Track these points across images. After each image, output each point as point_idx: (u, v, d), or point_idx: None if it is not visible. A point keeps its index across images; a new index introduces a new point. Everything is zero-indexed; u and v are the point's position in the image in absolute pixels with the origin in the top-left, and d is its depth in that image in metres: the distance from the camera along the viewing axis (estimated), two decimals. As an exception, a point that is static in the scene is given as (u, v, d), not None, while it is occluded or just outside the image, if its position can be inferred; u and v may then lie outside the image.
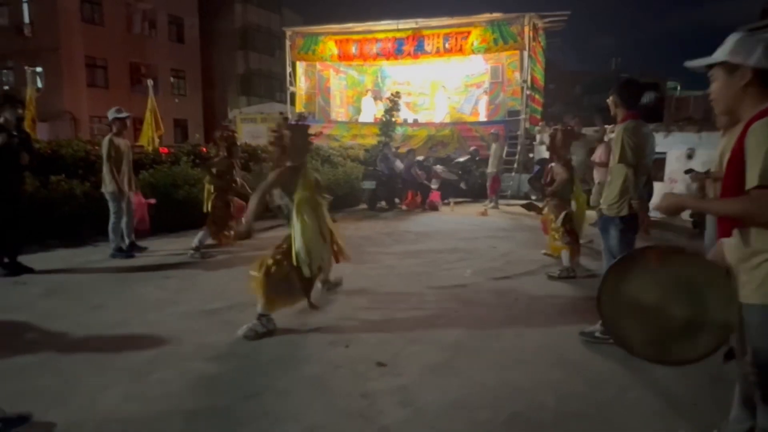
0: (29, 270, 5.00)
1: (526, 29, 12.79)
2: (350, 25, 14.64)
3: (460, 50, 13.56)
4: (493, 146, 10.57)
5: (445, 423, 2.42)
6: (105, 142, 5.71)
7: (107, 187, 5.67)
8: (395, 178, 10.73)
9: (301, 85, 15.72)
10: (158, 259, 5.78)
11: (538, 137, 12.59)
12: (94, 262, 5.60)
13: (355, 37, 14.51)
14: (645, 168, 3.36)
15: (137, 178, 6.52)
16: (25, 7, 24.02)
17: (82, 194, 6.84)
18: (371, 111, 15.75)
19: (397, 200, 10.96)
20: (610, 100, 3.41)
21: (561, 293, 4.62)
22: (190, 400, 2.64)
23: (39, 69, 24.24)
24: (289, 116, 14.26)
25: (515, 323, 3.82)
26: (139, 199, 6.38)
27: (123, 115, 5.79)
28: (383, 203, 10.77)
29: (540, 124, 13.45)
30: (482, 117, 15.06)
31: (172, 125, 27.24)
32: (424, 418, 2.46)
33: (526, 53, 13.09)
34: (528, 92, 13.58)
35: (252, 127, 21.23)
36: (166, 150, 10.65)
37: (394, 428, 2.37)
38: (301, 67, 15.62)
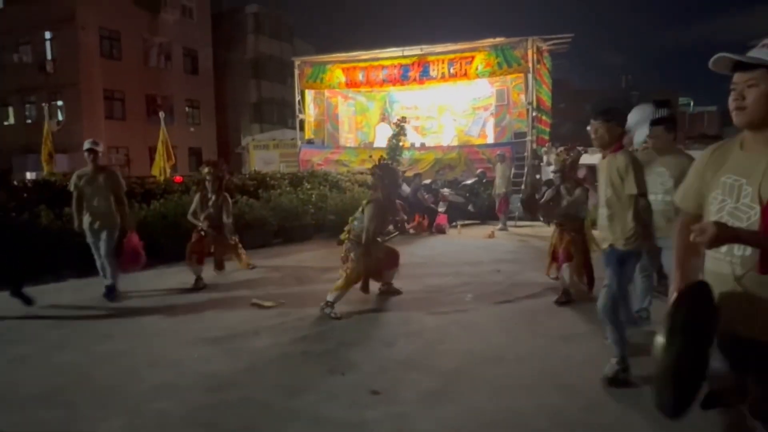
0: (29, 302, 4.87)
1: (530, 52, 12.96)
2: (357, 53, 15.00)
3: (465, 75, 13.78)
4: (499, 167, 10.63)
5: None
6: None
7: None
8: (403, 202, 10.80)
9: (310, 112, 16.05)
10: (165, 289, 5.87)
11: (545, 158, 12.62)
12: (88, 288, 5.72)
13: (361, 64, 14.85)
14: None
15: (132, 211, 6.16)
16: (48, 44, 25.05)
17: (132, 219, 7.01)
18: (386, 137, 16.03)
19: (406, 224, 11.01)
20: (597, 128, 3.10)
21: (563, 316, 4.60)
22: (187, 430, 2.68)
23: (60, 103, 25.17)
24: (299, 143, 14.52)
25: (515, 347, 3.82)
26: (130, 238, 5.54)
27: (88, 146, 5.31)
28: (391, 227, 10.83)
29: (546, 145, 13.51)
30: (490, 139, 15.19)
31: (187, 154, 27.86)
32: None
33: (530, 76, 13.23)
34: (534, 114, 13.69)
35: (264, 153, 21.63)
36: (180, 179, 10.93)
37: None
38: (309, 94, 15.99)
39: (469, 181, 12.27)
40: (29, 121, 25.75)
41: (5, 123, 26.79)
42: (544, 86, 15.18)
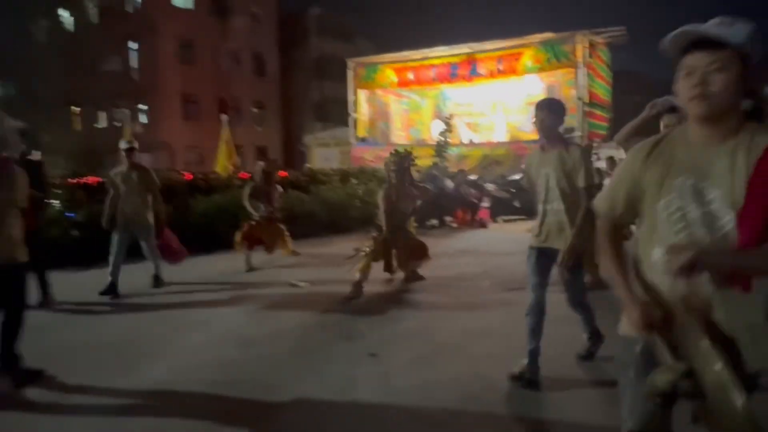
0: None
1: (579, 47, 12.85)
2: (407, 53, 15.48)
3: (513, 71, 13.88)
4: None
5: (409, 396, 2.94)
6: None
7: None
8: (444, 197, 11.20)
9: (363, 111, 16.75)
10: (220, 270, 6.70)
11: (594, 154, 12.49)
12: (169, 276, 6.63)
13: (411, 64, 15.33)
14: None
15: (166, 207, 6.18)
16: (134, 54, 27.60)
17: (166, 215, 8.05)
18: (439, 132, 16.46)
19: (448, 218, 11.42)
20: (540, 119, 2.99)
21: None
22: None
23: (144, 107, 27.68)
24: (352, 141, 15.26)
25: (509, 326, 4.20)
26: (164, 235, 5.80)
27: (126, 146, 5.52)
28: (434, 221, 11.28)
29: (596, 141, 13.33)
30: (541, 135, 15.15)
31: (254, 152, 29.60)
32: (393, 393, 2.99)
33: (581, 70, 13.10)
34: (586, 108, 13.53)
35: (325, 150, 22.67)
36: (247, 175, 11.98)
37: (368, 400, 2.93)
38: (363, 94, 16.67)
39: (515, 177, 12.41)
40: (117, 123, 28.50)
41: (97, 126, 29.79)
42: (600, 80, 14.91)
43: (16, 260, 3.17)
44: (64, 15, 30.37)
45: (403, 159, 5.75)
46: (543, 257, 3.10)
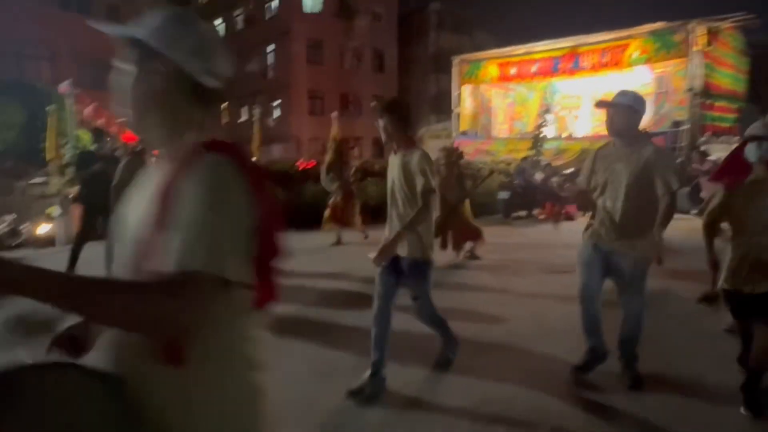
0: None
1: (693, 36, 12.19)
2: (510, 48, 15.80)
3: (618, 63, 13.54)
4: None
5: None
6: None
7: None
8: (532, 190, 11.61)
9: (466, 106, 17.43)
10: (314, 246, 8.13)
11: (703, 149, 11.87)
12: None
13: (514, 59, 15.62)
14: None
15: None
16: (270, 55, 31.09)
17: (281, 198, 9.81)
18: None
19: (537, 210, 11.81)
20: (384, 125, 2.91)
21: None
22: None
23: (277, 103, 31.09)
24: (454, 134, 16.08)
25: (526, 306, 4.93)
26: None
27: None
28: (522, 213, 11.76)
29: (706, 135, 12.55)
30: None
31: (371, 144, 31.60)
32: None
33: (694, 60, 12.43)
34: (701, 100, 12.80)
35: (437, 142, 23.69)
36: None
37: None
38: (466, 89, 17.34)
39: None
40: (254, 118, 32.40)
41: (240, 119, 34.08)
42: (725, 68, 13.87)
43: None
44: (218, 23, 35.09)
45: (451, 154, 6.60)
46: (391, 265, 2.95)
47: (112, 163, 5.91)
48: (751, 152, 2.64)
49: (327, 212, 7.89)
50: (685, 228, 5.49)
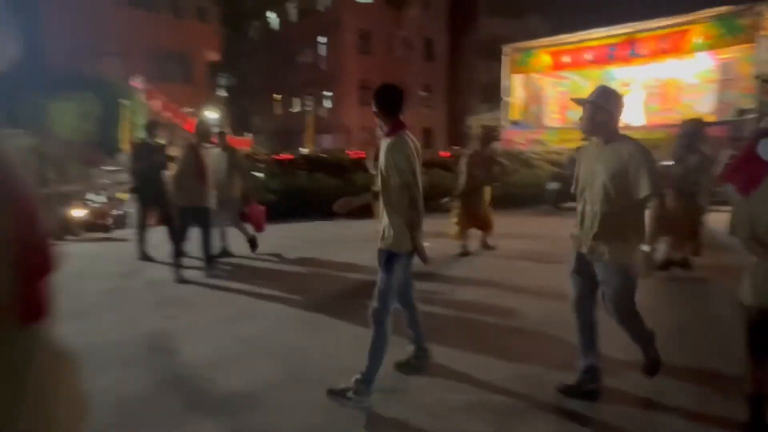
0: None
1: (763, 19, 11.59)
2: (563, 36, 15.50)
3: (679, 50, 13.05)
4: None
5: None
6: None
7: None
8: (583, 180, 11.51)
9: (517, 95, 17.27)
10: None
11: (769, 138, 11.35)
12: (340, 230, 8.67)
13: (567, 47, 15.32)
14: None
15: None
16: (322, 47, 31.72)
17: (335, 186, 10.29)
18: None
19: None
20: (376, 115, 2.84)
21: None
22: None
23: (329, 93, 31.75)
24: (504, 124, 16.00)
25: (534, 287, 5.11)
26: (252, 207, 6.78)
27: (218, 130, 6.66)
28: (572, 203, 11.70)
29: (774, 122, 11.92)
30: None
31: (421, 133, 31.74)
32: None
33: (764, 44, 11.83)
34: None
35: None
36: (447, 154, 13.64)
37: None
38: (518, 78, 17.17)
39: (667, 163, 11.96)
40: (308, 108, 33.23)
41: (291, 110, 35.05)
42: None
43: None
44: (272, 16, 36.06)
45: (488, 131, 6.75)
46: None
47: (161, 155, 6.11)
48: (765, 149, 2.28)
49: (457, 218, 6.67)
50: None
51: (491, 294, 4.86)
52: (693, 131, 5.66)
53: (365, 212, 9.22)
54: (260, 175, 10.18)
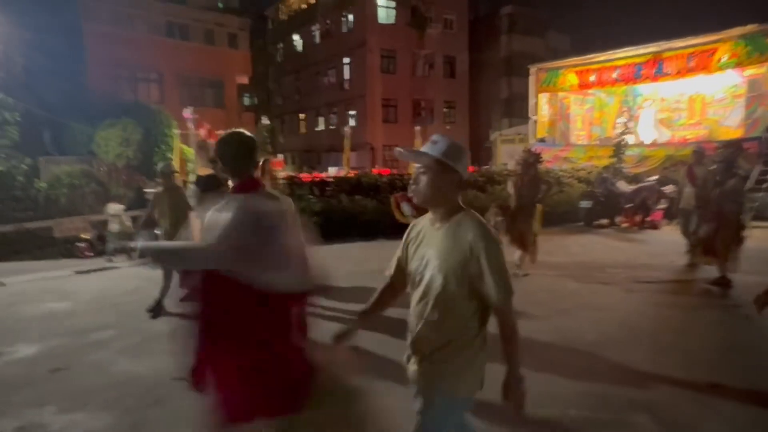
0: None
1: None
2: (591, 56, 15.82)
3: (705, 68, 13.26)
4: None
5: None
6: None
7: None
8: (615, 198, 11.73)
9: (543, 113, 17.60)
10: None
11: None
12: (378, 247, 9.09)
13: (594, 66, 15.64)
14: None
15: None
16: (346, 67, 32.53)
17: (372, 208, 10.72)
18: (620, 131, 16.41)
19: (619, 218, 11.92)
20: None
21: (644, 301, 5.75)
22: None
23: (353, 112, 32.47)
24: (531, 142, 16.38)
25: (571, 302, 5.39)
26: None
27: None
28: (604, 220, 11.93)
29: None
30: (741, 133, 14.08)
31: (443, 149, 32.14)
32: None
33: (791, 62, 12.00)
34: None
35: (510, 147, 23.81)
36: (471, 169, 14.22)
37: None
38: (544, 97, 17.51)
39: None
40: (332, 127, 34.00)
41: (317, 129, 35.86)
42: (828, 67, 13.18)
43: None
44: (296, 38, 37.16)
45: (528, 156, 6.98)
46: None
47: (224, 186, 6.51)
48: None
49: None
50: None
51: (542, 313, 5.17)
52: (732, 156, 5.98)
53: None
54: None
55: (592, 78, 15.77)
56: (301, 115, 37.50)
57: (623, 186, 12.00)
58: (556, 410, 3.14)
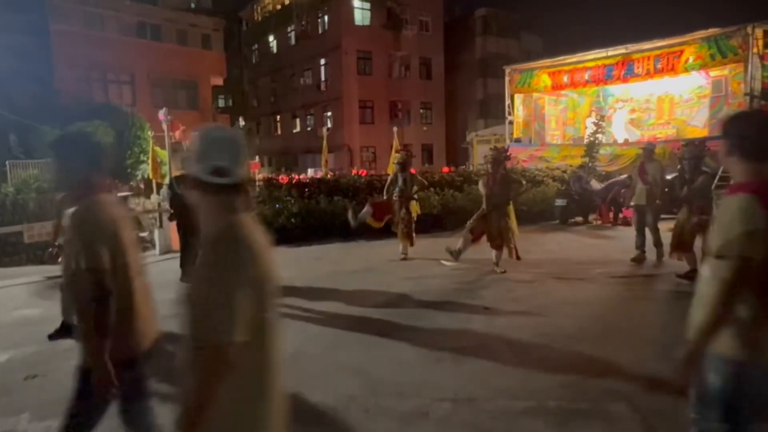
0: None
1: (753, 39, 12.25)
2: (562, 57, 16.17)
3: (673, 69, 13.70)
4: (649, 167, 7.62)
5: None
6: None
7: None
8: (589, 196, 12.01)
9: (519, 114, 17.90)
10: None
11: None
12: (356, 248, 9.13)
13: (566, 68, 15.99)
14: None
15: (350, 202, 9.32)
16: (322, 69, 32.44)
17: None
18: (591, 131, 16.79)
19: (592, 216, 12.19)
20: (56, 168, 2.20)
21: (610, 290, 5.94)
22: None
23: (329, 114, 32.37)
24: (507, 142, 16.61)
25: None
26: None
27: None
28: (579, 218, 12.19)
29: None
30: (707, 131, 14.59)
31: (420, 150, 32.35)
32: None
33: (752, 64, 12.48)
34: (762, 102, 12.79)
35: (486, 147, 24.13)
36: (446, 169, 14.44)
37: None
38: (518, 97, 17.81)
39: (669, 176, 12.49)
40: (309, 128, 33.84)
41: (294, 131, 35.64)
42: (786, 68, 13.75)
43: None
44: (271, 40, 36.87)
45: (498, 153, 6.98)
46: None
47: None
48: None
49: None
50: None
51: (521, 309, 5.28)
52: (698, 153, 6.20)
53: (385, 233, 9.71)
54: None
55: (565, 79, 16.12)
56: (278, 117, 37.23)
57: (596, 184, 12.28)
58: (534, 402, 3.22)
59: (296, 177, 13.67)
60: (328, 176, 12.89)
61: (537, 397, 3.28)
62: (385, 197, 8.23)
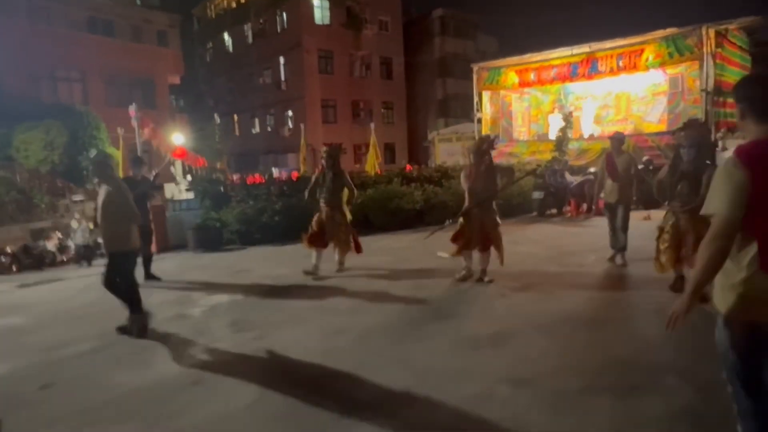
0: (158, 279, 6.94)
1: (707, 39, 13.01)
2: (528, 55, 16.61)
3: (634, 67, 14.35)
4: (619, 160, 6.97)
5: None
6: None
7: None
8: (564, 189, 12.39)
9: (486, 111, 18.24)
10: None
11: (720, 144, 12.68)
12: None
13: (533, 65, 16.43)
14: None
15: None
16: (282, 68, 31.89)
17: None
18: (558, 126, 17.32)
19: (566, 208, 12.59)
20: None
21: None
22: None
23: (290, 113, 31.88)
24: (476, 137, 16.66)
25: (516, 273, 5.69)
26: None
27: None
28: (554, 210, 12.55)
29: (722, 130, 13.36)
30: (666, 126, 15.37)
31: (383, 149, 32.36)
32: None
33: (707, 62, 13.25)
34: (716, 98, 13.59)
35: (448, 146, 24.43)
36: (410, 167, 14.44)
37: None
38: (486, 95, 18.15)
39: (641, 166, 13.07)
40: (269, 129, 33.19)
41: (253, 131, 34.85)
42: (734, 67, 14.65)
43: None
44: (226, 38, 35.90)
45: (481, 142, 6.10)
46: None
47: (150, 186, 7.08)
48: None
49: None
50: None
51: (515, 302, 5.35)
52: (701, 140, 5.47)
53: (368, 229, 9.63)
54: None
55: (532, 76, 16.57)
56: (235, 117, 36.29)
57: (569, 177, 12.68)
58: (587, 380, 3.26)
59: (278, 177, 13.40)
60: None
61: (588, 377, 3.32)
62: (306, 199, 7.13)
